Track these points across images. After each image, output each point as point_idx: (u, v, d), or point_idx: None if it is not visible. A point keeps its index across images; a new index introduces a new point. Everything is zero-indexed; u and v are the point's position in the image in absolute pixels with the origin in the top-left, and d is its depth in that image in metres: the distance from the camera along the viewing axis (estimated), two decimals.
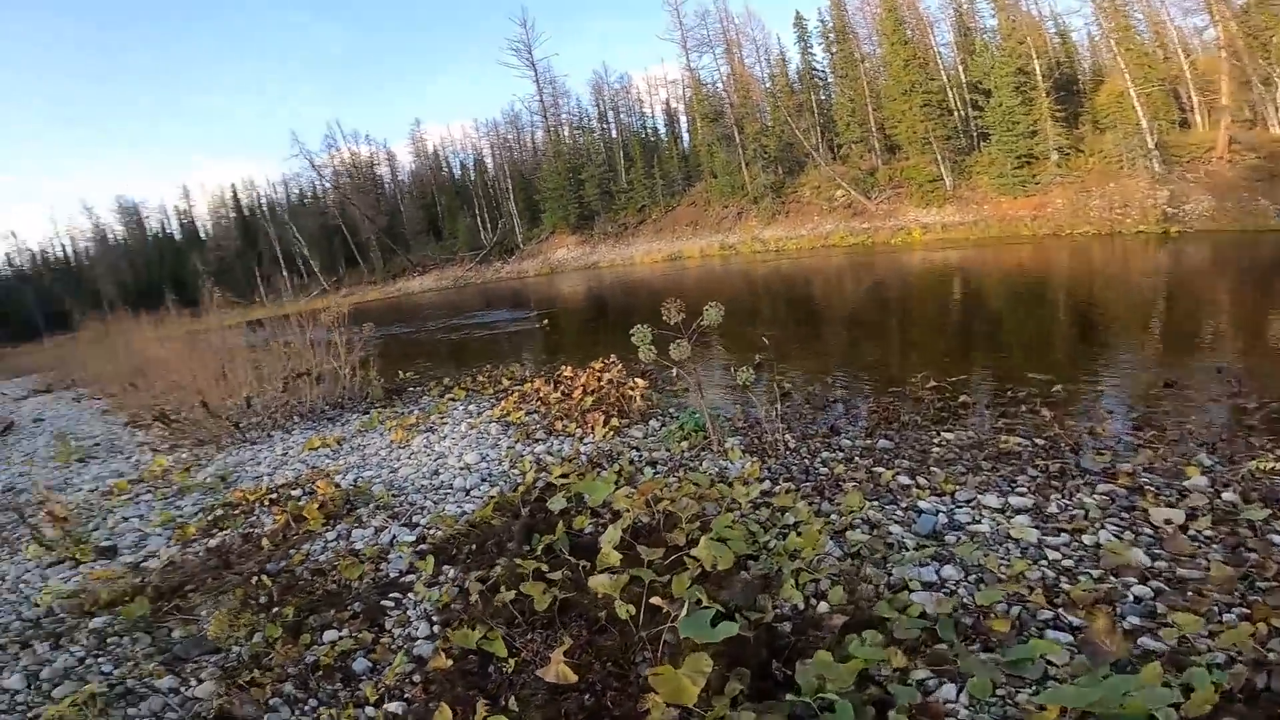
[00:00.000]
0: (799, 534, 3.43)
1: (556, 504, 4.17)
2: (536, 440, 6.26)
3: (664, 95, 46.54)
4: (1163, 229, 18.85)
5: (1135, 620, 2.64)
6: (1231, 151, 19.88)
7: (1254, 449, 4.19)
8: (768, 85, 38.02)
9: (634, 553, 3.15)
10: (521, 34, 44.37)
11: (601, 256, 38.09)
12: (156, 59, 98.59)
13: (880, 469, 4.55)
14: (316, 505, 4.80)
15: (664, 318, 4.82)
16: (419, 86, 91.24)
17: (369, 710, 2.64)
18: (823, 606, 2.82)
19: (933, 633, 2.54)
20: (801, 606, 2.84)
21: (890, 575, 3.09)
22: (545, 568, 3.22)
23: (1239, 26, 21.45)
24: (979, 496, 3.95)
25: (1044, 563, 3.15)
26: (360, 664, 2.95)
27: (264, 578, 3.79)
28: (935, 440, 5.09)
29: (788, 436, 5.39)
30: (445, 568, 3.72)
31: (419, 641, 3.05)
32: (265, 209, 57.69)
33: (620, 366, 7.64)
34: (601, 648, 2.61)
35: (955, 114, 28.50)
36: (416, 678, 2.77)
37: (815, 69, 36.08)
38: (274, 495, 5.46)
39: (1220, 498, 3.57)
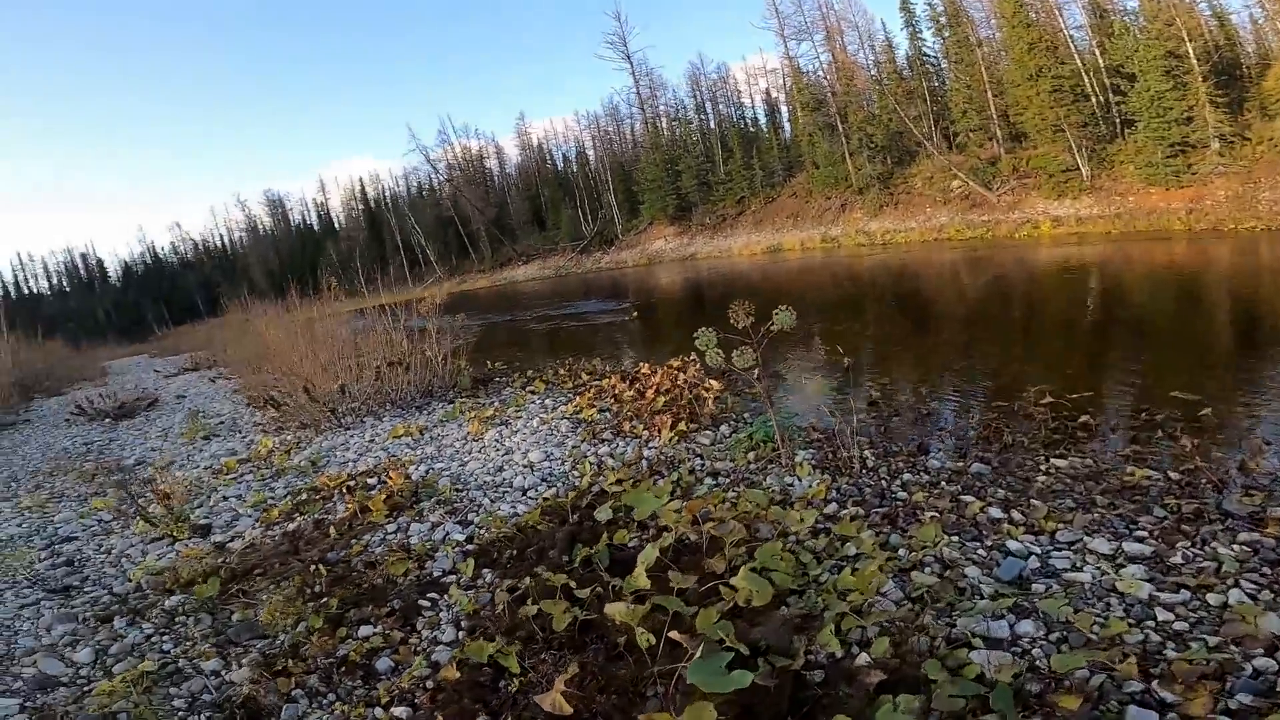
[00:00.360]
0: (855, 569, 3.09)
1: (604, 514, 4.04)
2: (602, 441, 6.17)
3: (763, 85, 45.45)
4: None
5: (1246, 699, 2.13)
6: None
7: None
8: (873, 72, 36.05)
9: (668, 576, 2.96)
10: (617, 27, 44.85)
11: (699, 248, 37.77)
12: (303, 60, 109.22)
13: (968, 497, 3.99)
14: (383, 497, 4.96)
15: (731, 321, 4.56)
16: (522, 80, 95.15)
17: (377, 711, 2.63)
18: (862, 658, 2.49)
19: (984, 701, 2.16)
20: (839, 655, 2.53)
21: (953, 627, 2.69)
22: (574, 584, 3.10)
23: None
24: (1085, 538, 3.35)
25: (1150, 624, 2.63)
26: (384, 663, 2.97)
27: (321, 566, 3.93)
28: (1043, 467, 4.42)
29: (866, 453, 4.94)
30: (484, 571, 3.70)
31: (440, 647, 3.02)
32: (388, 201, 61.97)
33: (698, 365, 7.42)
34: (613, 677, 2.44)
35: (1093, 99, 25.67)
36: (430, 684, 2.74)
37: (926, 54, 33.75)
38: (351, 483, 5.69)
39: None
